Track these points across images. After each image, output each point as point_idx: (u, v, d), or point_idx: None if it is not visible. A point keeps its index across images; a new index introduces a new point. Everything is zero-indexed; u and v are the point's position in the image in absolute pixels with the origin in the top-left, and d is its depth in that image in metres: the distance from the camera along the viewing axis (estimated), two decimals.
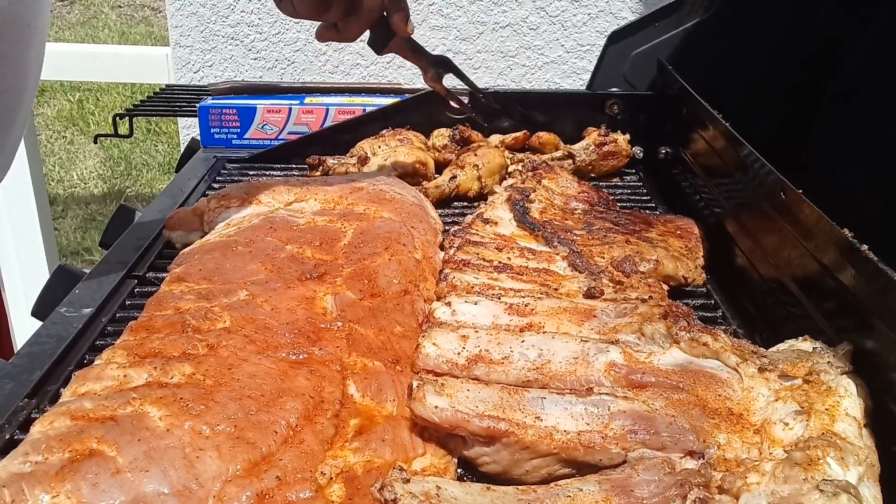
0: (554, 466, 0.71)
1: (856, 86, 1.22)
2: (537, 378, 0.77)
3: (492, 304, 0.88)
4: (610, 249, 1.05)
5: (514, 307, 0.87)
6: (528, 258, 1.04)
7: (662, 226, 1.19)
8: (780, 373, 0.75)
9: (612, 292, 0.93)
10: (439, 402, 0.72)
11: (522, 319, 0.85)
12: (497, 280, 0.96)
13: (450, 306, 0.88)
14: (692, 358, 0.78)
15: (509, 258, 1.03)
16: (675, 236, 1.15)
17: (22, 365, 0.86)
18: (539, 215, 1.16)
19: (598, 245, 1.07)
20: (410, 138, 1.45)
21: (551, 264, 1.03)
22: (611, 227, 1.15)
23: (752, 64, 1.41)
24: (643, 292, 0.91)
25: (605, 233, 1.12)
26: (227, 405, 0.70)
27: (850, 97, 1.22)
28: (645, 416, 0.71)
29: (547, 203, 1.21)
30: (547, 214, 1.18)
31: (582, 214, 1.21)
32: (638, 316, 0.82)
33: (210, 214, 1.15)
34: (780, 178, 0.93)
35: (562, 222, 1.16)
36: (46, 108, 4.59)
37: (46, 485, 0.61)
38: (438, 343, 0.80)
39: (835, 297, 0.83)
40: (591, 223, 1.16)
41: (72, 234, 3.54)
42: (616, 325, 0.83)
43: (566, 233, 1.11)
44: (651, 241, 1.10)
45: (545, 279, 0.97)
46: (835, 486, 0.60)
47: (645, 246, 1.08)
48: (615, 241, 1.08)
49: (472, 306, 0.88)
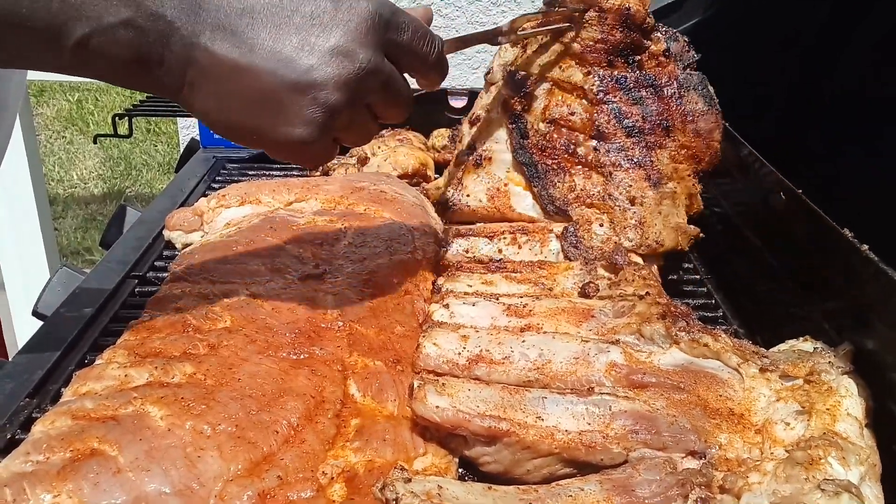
0: (555, 466, 0.71)
1: (856, 84, 1.22)
2: (538, 378, 0.77)
3: (490, 305, 0.88)
4: (611, 209, 1.01)
5: (512, 308, 0.87)
6: (521, 242, 1.02)
7: (682, 134, 1.07)
8: (781, 373, 0.75)
9: (607, 287, 0.92)
10: (440, 402, 0.72)
11: (521, 321, 0.85)
12: (492, 285, 0.95)
13: (448, 308, 0.88)
14: (692, 358, 0.78)
15: (500, 250, 1.02)
16: (688, 155, 1.07)
17: (23, 365, 0.86)
18: (541, 125, 1.07)
19: (600, 186, 1.03)
20: (410, 138, 1.45)
21: (544, 247, 1.01)
22: (622, 144, 1.05)
23: (753, 63, 1.41)
24: (638, 286, 0.90)
25: (615, 158, 1.05)
26: (228, 405, 0.70)
27: (850, 95, 1.22)
28: (646, 415, 0.71)
29: (549, 100, 1.08)
30: (550, 111, 1.07)
31: (591, 112, 1.07)
32: (636, 316, 0.82)
33: (210, 214, 1.15)
34: (781, 178, 0.93)
35: (567, 137, 1.06)
36: (46, 108, 4.58)
37: (48, 484, 0.61)
38: (439, 343, 0.80)
39: (835, 298, 0.83)
40: (603, 131, 1.05)
41: (72, 234, 3.54)
42: (615, 325, 0.83)
43: (567, 165, 1.04)
44: (659, 181, 1.04)
45: (539, 276, 0.96)
46: (836, 485, 0.60)
47: (649, 207, 1.03)
48: (619, 186, 1.03)
49: (469, 307, 0.88)
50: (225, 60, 0.68)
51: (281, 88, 0.70)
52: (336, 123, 0.73)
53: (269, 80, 0.69)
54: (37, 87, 4.54)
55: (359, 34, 0.71)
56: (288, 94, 0.70)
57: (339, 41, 0.70)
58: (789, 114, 1.38)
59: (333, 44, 0.70)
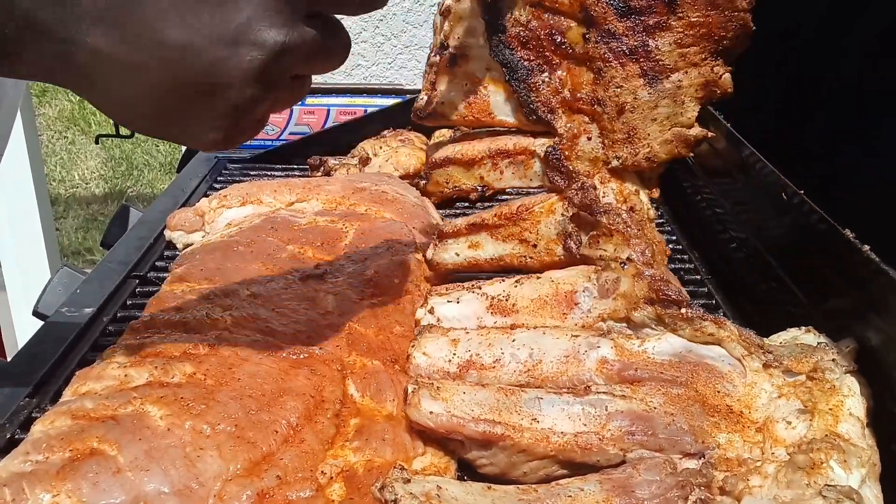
0: (552, 468, 0.71)
1: (857, 80, 1.22)
2: (529, 381, 0.76)
3: (474, 301, 0.86)
4: (601, 117, 0.87)
5: (495, 302, 0.85)
6: (502, 167, 0.94)
7: (691, 8, 0.84)
8: (784, 368, 0.74)
9: (587, 244, 0.86)
10: (434, 408, 0.71)
11: (506, 319, 0.84)
12: (478, 247, 0.91)
13: (433, 313, 0.87)
14: (692, 345, 0.76)
15: (481, 177, 0.95)
16: (701, 35, 0.84)
17: (23, 364, 0.86)
18: (521, 13, 0.89)
19: (589, 86, 0.87)
20: (412, 139, 1.45)
21: (528, 170, 0.93)
22: (613, 29, 0.86)
23: (752, 61, 1.41)
24: (617, 242, 0.84)
25: (604, 49, 0.86)
26: (227, 404, 0.70)
27: (849, 89, 1.21)
28: (643, 416, 0.70)
29: None
30: None
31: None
32: (622, 299, 0.80)
33: (211, 215, 1.15)
34: (782, 178, 0.93)
35: (552, 24, 0.88)
36: (48, 108, 4.59)
37: (47, 484, 0.61)
38: (429, 352, 0.80)
39: (836, 297, 0.83)
40: (593, 14, 0.87)
41: (73, 234, 3.54)
42: (601, 312, 0.81)
43: (552, 60, 0.88)
44: (657, 77, 0.86)
45: (523, 230, 0.91)
46: (838, 492, 0.60)
47: (641, 113, 0.87)
48: (609, 86, 0.86)
49: (454, 306, 0.86)
50: (109, 58, 0.55)
51: (177, 90, 0.58)
52: (254, 115, 0.62)
53: (163, 80, 0.57)
54: (39, 88, 4.55)
55: (266, 8, 0.57)
56: (186, 97, 0.58)
57: (241, 25, 0.56)
58: (788, 108, 1.37)
59: (234, 29, 0.56)
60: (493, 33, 0.88)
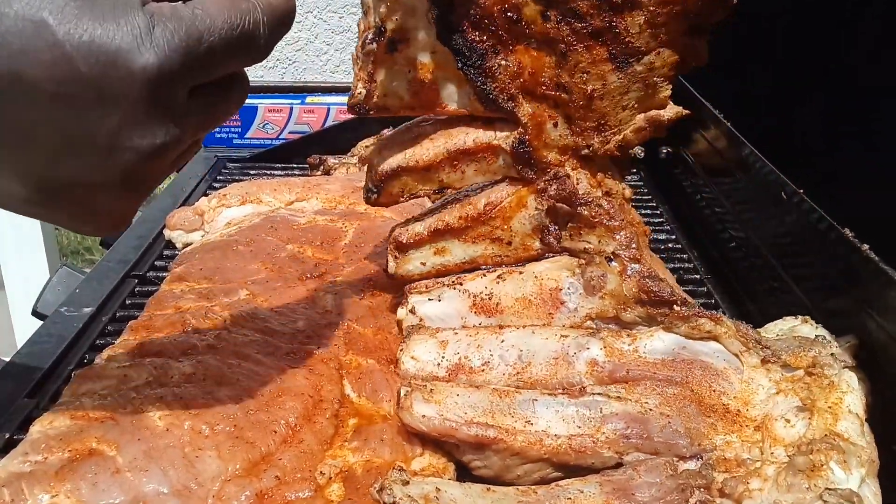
0: (546, 470, 0.70)
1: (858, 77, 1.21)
2: (519, 385, 0.75)
3: (456, 298, 0.84)
4: (566, 103, 0.78)
5: (478, 301, 0.83)
6: (463, 169, 0.84)
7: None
8: (782, 363, 0.74)
9: (568, 236, 0.82)
10: (427, 411, 0.71)
11: (491, 320, 0.82)
12: (445, 253, 0.86)
13: (414, 312, 0.85)
14: (685, 341, 0.74)
15: (441, 180, 0.84)
16: (675, 13, 0.74)
17: (22, 364, 0.86)
18: None
19: (551, 69, 0.77)
20: None
21: (493, 164, 0.84)
22: (577, 8, 0.74)
23: (752, 61, 1.41)
24: (601, 234, 0.80)
25: (566, 30, 0.75)
26: (226, 404, 0.70)
27: (851, 88, 1.21)
28: (638, 418, 0.70)
29: None
30: None
31: None
32: (610, 298, 0.78)
33: (211, 214, 1.15)
34: (781, 177, 0.93)
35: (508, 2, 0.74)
36: None
37: (46, 484, 0.61)
38: (417, 356, 0.79)
39: (836, 297, 0.83)
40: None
41: (72, 233, 3.54)
42: (588, 311, 0.80)
43: (508, 42, 0.77)
44: (628, 60, 0.76)
45: (494, 229, 0.85)
46: (838, 496, 0.60)
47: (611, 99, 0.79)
48: (574, 72, 0.77)
49: (436, 304, 0.84)
50: None
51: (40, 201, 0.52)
52: (141, 198, 0.56)
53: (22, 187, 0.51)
54: None
55: (135, 115, 0.49)
56: (54, 208, 0.53)
57: (109, 132, 0.49)
58: (789, 109, 1.37)
59: (103, 140, 0.49)
60: (439, 14, 0.75)
